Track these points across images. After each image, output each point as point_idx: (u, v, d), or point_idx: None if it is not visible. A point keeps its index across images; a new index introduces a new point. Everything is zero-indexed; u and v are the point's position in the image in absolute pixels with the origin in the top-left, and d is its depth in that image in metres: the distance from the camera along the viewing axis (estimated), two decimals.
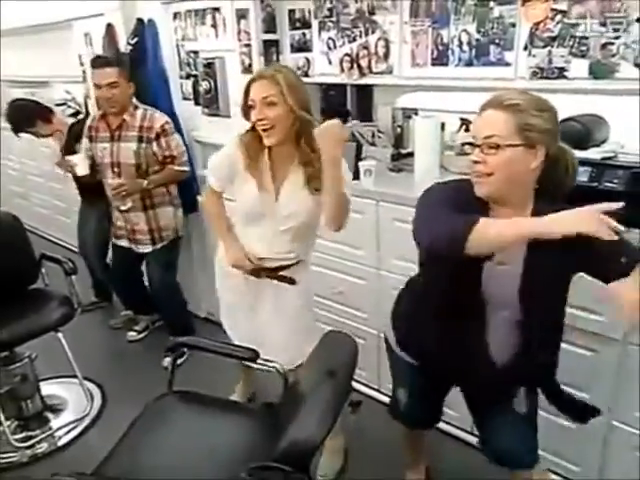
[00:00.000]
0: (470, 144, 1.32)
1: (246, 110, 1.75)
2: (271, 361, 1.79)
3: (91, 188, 3.04)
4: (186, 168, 2.77)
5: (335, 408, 1.34)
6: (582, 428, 1.90)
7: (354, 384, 2.45)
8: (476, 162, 1.29)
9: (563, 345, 1.86)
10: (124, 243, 2.92)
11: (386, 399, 2.44)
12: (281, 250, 1.90)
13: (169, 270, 2.99)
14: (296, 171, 1.81)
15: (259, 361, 1.76)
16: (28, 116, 3.23)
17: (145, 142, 2.69)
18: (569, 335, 1.85)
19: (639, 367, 1.73)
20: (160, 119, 2.71)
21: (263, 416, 1.75)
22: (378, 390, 2.58)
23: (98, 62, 2.72)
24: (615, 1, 1.70)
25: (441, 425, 2.21)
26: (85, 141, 2.82)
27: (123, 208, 2.76)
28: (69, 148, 3.07)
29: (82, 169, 2.78)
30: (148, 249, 2.86)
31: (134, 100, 2.76)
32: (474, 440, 2.27)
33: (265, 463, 1.22)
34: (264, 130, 1.71)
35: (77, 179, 3.11)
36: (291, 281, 1.94)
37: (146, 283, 3.15)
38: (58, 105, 4.01)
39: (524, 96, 1.29)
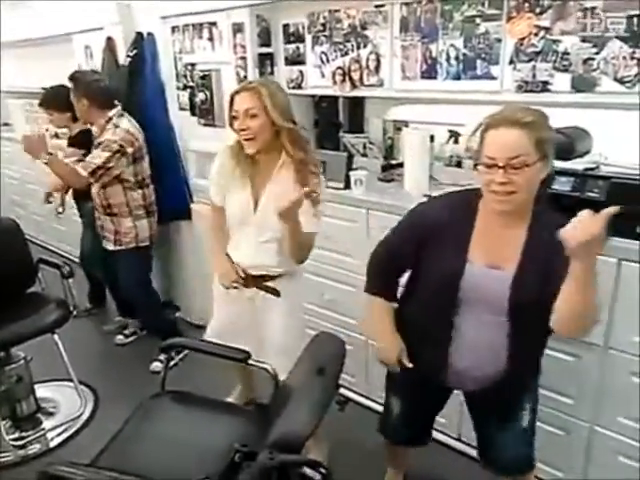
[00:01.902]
0: (486, 165, 1.31)
1: (231, 120, 1.81)
2: (262, 362, 1.79)
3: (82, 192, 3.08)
4: (83, 173, 2.61)
5: (324, 402, 1.37)
6: (566, 433, 1.93)
7: (342, 390, 2.45)
8: (502, 183, 1.29)
9: (546, 351, 1.90)
10: (103, 239, 2.99)
11: (374, 405, 2.46)
12: (264, 262, 1.91)
13: (135, 275, 3.01)
14: (276, 181, 1.82)
15: (250, 362, 1.78)
16: (61, 99, 3.16)
17: None
18: (551, 341, 1.88)
19: (622, 373, 1.75)
20: (106, 135, 2.69)
21: (255, 416, 1.77)
22: (367, 397, 2.58)
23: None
24: (595, 19, 1.75)
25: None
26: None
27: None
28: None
29: None
30: (111, 247, 2.93)
31: (111, 113, 2.75)
32: (460, 446, 2.28)
33: (254, 450, 1.25)
34: (246, 140, 1.77)
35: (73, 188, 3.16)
36: (275, 292, 1.94)
37: None
38: None
39: (533, 112, 1.32)
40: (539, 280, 1.34)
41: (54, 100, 3.23)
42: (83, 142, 2.98)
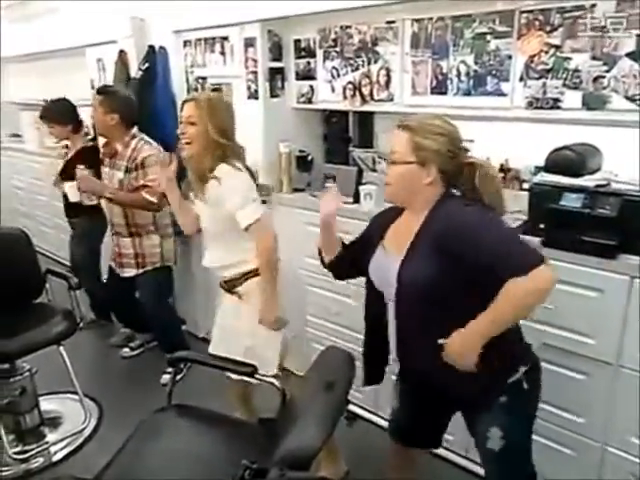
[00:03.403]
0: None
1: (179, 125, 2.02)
2: (268, 376, 1.78)
3: (69, 210, 3.17)
4: (154, 200, 2.65)
5: (332, 418, 1.36)
6: (576, 453, 1.90)
7: (351, 406, 2.44)
8: (386, 174, 1.52)
9: (555, 368, 1.89)
10: (113, 265, 3.00)
11: (382, 422, 2.43)
12: (213, 260, 2.09)
13: (158, 295, 2.98)
14: (206, 188, 1.97)
15: (257, 376, 1.77)
16: (63, 112, 3.26)
17: (130, 172, 2.73)
18: (562, 358, 1.87)
19: (634, 391, 1.73)
20: (146, 151, 2.72)
21: (261, 431, 1.75)
22: (375, 413, 2.56)
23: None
24: (605, 37, 1.76)
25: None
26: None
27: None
28: (69, 169, 3.08)
29: (73, 196, 3.07)
30: (132, 273, 2.88)
31: (134, 131, 2.79)
32: (466, 464, 2.25)
33: (263, 467, 1.23)
34: (185, 144, 1.97)
35: (66, 200, 3.22)
36: (237, 294, 2.04)
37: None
38: None
39: (424, 120, 1.47)
40: (423, 262, 1.42)
41: (55, 113, 3.27)
42: (88, 159, 2.99)
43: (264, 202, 2.19)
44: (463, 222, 1.39)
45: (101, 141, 3.02)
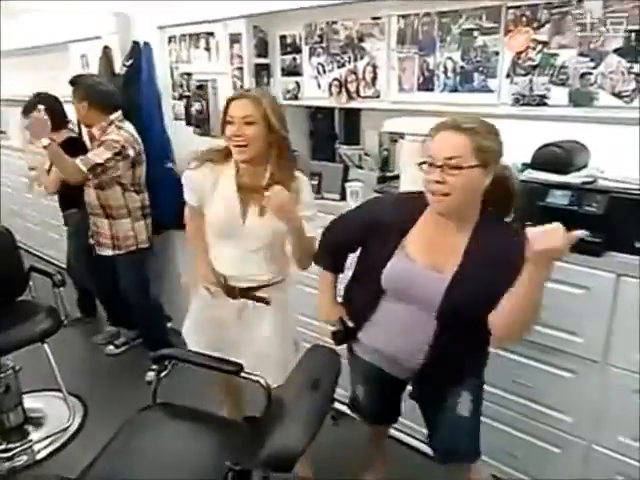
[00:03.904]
0: (428, 164, 1.38)
1: (223, 126, 1.75)
2: (255, 374, 1.74)
3: (64, 201, 3.09)
4: (82, 167, 2.53)
5: (318, 417, 1.35)
6: (563, 451, 1.88)
7: (336, 404, 2.39)
8: (438, 182, 1.35)
9: (542, 366, 1.86)
10: (92, 242, 2.95)
11: None
12: (253, 271, 1.87)
13: (136, 277, 2.96)
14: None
15: (243, 374, 1.72)
16: (49, 108, 3.17)
17: None
18: (548, 356, 1.84)
19: (621, 390, 1.71)
20: (110, 134, 2.66)
21: (246, 429, 1.72)
22: None
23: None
24: (593, 33, 1.73)
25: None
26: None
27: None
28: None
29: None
30: (108, 253, 2.86)
31: (113, 117, 2.73)
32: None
33: (246, 467, 1.20)
34: (238, 146, 1.72)
35: (61, 191, 3.10)
36: (265, 301, 1.90)
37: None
38: None
39: (478, 121, 1.38)
40: (475, 287, 1.37)
41: (51, 108, 3.17)
42: (70, 150, 2.92)
43: None
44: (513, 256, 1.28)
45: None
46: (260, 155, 1.74)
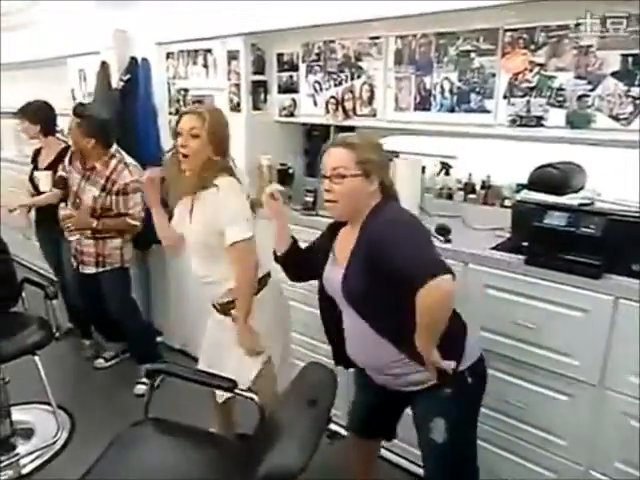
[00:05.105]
0: (321, 175, 1.53)
1: (175, 137, 1.87)
2: (248, 391, 1.67)
3: (49, 213, 2.97)
4: (138, 224, 2.67)
5: (315, 436, 1.29)
6: (557, 476, 1.80)
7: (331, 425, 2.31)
8: (327, 190, 1.50)
9: (537, 389, 1.79)
10: (72, 260, 2.88)
11: None
12: (199, 274, 1.96)
13: (120, 295, 2.87)
14: (201, 197, 1.85)
15: (237, 391, 1.66)
16: (36, 111, 3.10)
17: (107, 193, 2.63)
18: (543, 379, 1.77)
19: (618, 414, 1.64)
20: (126, 177, 2.62)
21: (239, 447, 1.67)
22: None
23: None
24: (590, 56, 1.70)
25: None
26: (66, 162, 2.85)
27: (70, 238, 2.78)
28: (51, 167, 3.00)
29: (45, 185, 2.94)
30: (91, 270, 2.78)
31: (113, 150, 2.68)
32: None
33: None
34: (183, 156, 1.82)
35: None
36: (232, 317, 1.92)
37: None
38: None
39: (361, 137, 1.57)
40: (362, 274, 1.45)
41: (30, 111, 3.11)
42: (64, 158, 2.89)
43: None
44: (385, 227, 1.43)
45: None
46: (202, 165, 1.82)
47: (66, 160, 2.86)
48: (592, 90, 1.70)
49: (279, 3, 2.26)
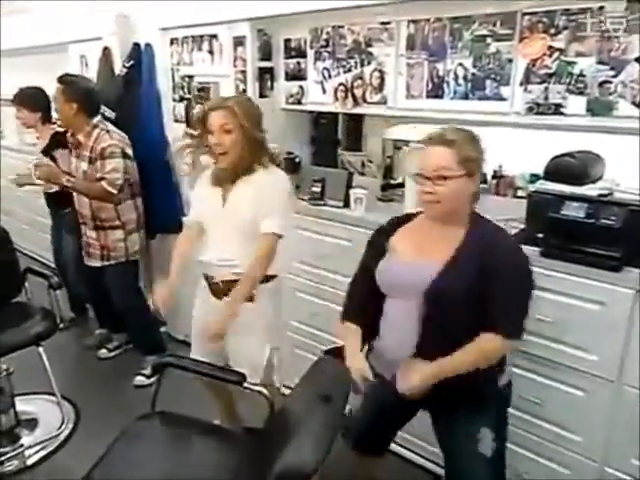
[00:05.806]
0: (419, 175, 1.42)
1: (204, 135, 1.80)
2: (257, 384, 1.63)
3: (59, 200, 2.93)
4: (113, 190, 2.50)
5: (332, 431, 1.25)
6: (572, 473, 1.75)
7: None
8: (427, 192, 1.40)
9: (553, 384, 1.73)
10: (82, 253, 2.82)
11: None
12: (229, 256, 1.83)
13: (125, 289, 2.80)
14: (245, 180, 1.82)
15: (245, 385, 1.61)
16: (33, 98, 3.05)
17: (93, 163, 2.54)
18: (559, 374, 1.71)
19: (635, 410, 1.58)
20: (106, 140, 2.52)
21: (247, 441, 1.62)
22: None
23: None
24: (613, 41, 1.61)
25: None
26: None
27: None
28: (47, 152, 2.94)
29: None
30: (97, 264, 2.72)
31: (96, 120, 2.59)
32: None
33: None
34: (219, 154, 1.78)
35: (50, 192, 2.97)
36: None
37: None
38: None
39: (460, 133, 1.42)
40: (467, 274, 1.38)
41: (28, 98, 3.05)
42: (64, 142, 2.79)
43: None
44: (510, 251, 1.41)
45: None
46: (241, 160, 1.78)
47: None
48: (615, 76, 1.62)
49: None
